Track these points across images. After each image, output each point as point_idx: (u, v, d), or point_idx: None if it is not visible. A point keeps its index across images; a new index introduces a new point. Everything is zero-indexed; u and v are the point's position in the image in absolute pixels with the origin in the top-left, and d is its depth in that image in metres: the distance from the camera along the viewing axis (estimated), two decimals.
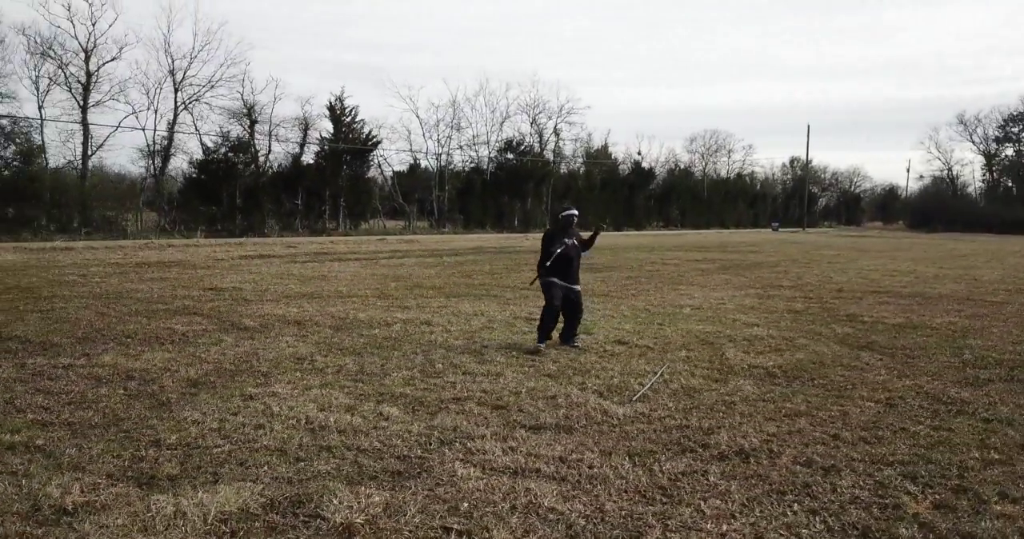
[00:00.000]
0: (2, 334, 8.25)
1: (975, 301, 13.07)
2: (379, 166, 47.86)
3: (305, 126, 41.17)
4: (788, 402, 5.95)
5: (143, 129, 35.70)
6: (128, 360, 6.98)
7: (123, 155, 65.65)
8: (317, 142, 42.32)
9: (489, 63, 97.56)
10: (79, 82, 32.78)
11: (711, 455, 4.64)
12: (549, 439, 4.88)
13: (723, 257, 24.70)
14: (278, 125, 39.97)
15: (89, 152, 33.58)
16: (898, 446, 4.86)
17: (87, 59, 32.83)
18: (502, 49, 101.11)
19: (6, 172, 31.19)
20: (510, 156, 52.91)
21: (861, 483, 4.19)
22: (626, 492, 4.00)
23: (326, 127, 42.65)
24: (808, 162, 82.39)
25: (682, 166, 72.45)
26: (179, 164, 37.71)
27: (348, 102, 42.66)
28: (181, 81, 35.79)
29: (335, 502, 3.72)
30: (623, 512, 3.73)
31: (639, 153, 66.52)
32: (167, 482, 4.01)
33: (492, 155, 52.83)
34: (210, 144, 37.29)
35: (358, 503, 3.72)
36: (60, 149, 48.46)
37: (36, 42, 31.60)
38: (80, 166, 33.49)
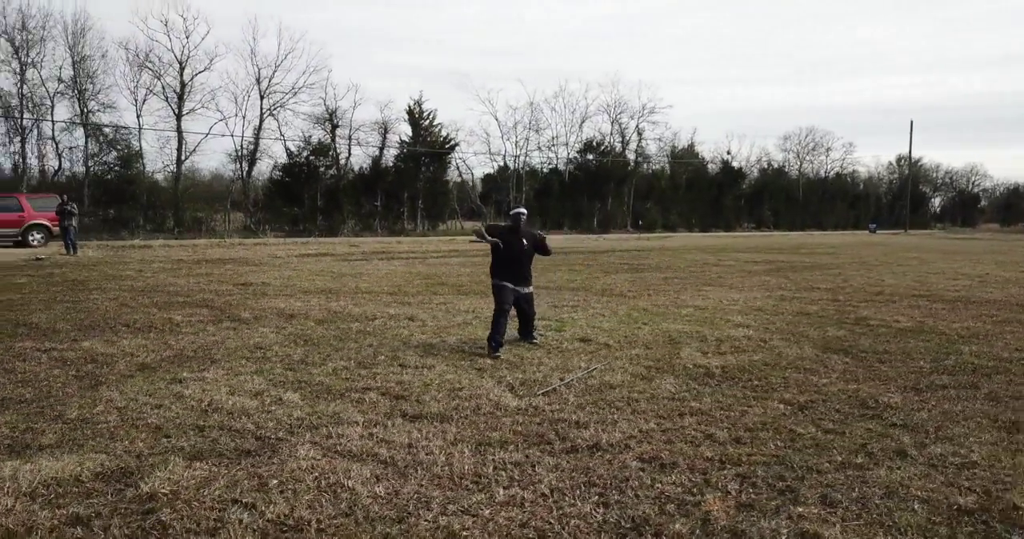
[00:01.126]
0: (20, 320, 9.14)
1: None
2: (457, 168, 48.85)
3: (384, 130, 42.59)
4: (696, 401, 5.84)
5: (231, 135, 37.95)
6: (104, 346, 7.62)
7: (214, 159, 70.15)
8: (396, 145, 43.64)
9: (568, 64, 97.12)
10: (174, 92, 35.24)
11: (561, 448, 4.67)
12: (418, 427, 5.03)
13: (786, 259, 23.82)
14: (358, 129, 41.57)
15: (183, 157, 36.04)
16: (767, 447, 4.73)
17: (181, 70, 35.28)
18: (583, 50, 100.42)
19: (109, 176, 33.88)
20: (590, 157, 52.76)
21: (683, 481, 4.13)
22: (439, 478, 4.11)
23: (405, 130, 43.99)
24: (916, 160, 77.80)
25: (775, 165, 69.99)
26: (264, 168, 39.79)
27: (426, 106, 43.87)
28: (266, 89, 37.80)
29: (158, 474, 4.03)
30: (415, 494, 3.86)
31: (728, 152, 64.86)
32: (35, 450, 4.45)
33: (571, 156, 52.86)
34: (293, 148, 39.25)
35: (177, 476, 4.02)
36: (157, 154, 52.16)
37: (135, 55, 34.19)
38: (174, 170, 35.93)
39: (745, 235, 51.56)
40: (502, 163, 51.67)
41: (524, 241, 7.96)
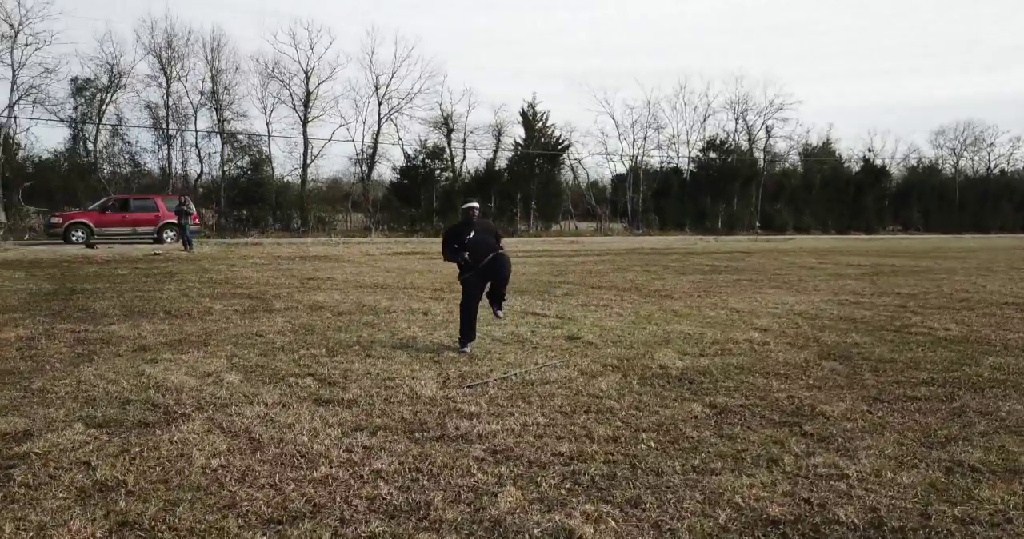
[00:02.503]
0: (84, 306, 10.32)
1: None
2: (571, 168, 48.92)
3: (498, 132, 43.44)
4: (615, 400, 5.73)
5: (352, 140, 40.15)
6: (126, 330, 8.48)
7: (337, 162, 74.60)
8: (510, 148, 44.38)
9: (689, 61, 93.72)
10: (300, 100, 37.76)
11: (430, 436, 4.78)
12: (318, 411, 5.29)
13: (896, 263, 22.09)
14: (472, 132, 42.63)
15: (308, 161, 38.52)
16: (635, 448, 4.61)
17: (307, 79, 37.73)
18: (704, 47, 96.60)
19: (241, 179, 36.86)
20: (712, 155, 51.13)
21: (507, 472, 4.13)
22: (281, 455, 4.36)
23: (518, 132, 44.61)
24: None
25: (926, 162, 64.54)
26: (384, 170, 41.81)
27: (540, 107, 44.25)
28: (384, 95, 39.64)
29: (48, 437, 4.56)
30: (242, 468, 4.12)
31: (870, 149, 60.50)
32: None
33: (692, 154, 51.46)
34: (410, 152, 40.89)
35: (63, 440, 4.52)
36: (286, 158, 56.26)
37: (265, 67, 36.98)
38: (300, 173, 38.53)
39: (885, 238, 48.07)
40: (619, 163, 51.18)
41: (473, 232, 7.64)
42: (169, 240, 26.12)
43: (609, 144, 51.34)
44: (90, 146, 34.27)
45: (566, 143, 45.87)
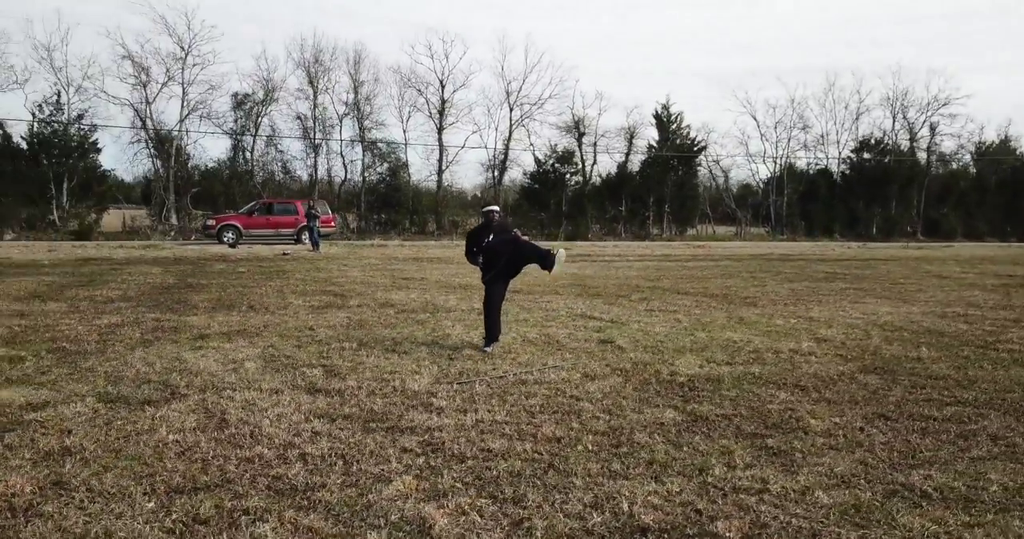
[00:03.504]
0: (183, 299, 11.46)
1: None
2: (709, 171, 47.41)
3: (631, 135, 42.94)
4: (592, 403, 5.67)
5: (484, 146, 41.26)
6: (200, 320, 9.36)
7: (471, 168, 76.67)
8: (643, 150, 43.74)
9: (839, 56, 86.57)
10: (436, 108, 39.35)
11: (381, 427, 4.98)
12: (304, 398, 5.65)
13: None
14: (603, 135, 42.45)
15: (443, 167, 40.03)
16: (570, 451, 4.57)
17: (442, 88, 39.26)
18: (853, 41, 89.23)
19: (381, 186, 38.97)
20: (866, 156, 47.64)
21: (417, 464, 4.26)
22: (236, 435, 4.72)
23: (651, 135, 43.89)
24: None
25: None
26: (516, 175, 42.58)
27: (674, 109, 43.34)
28: (515, 101, 40.40)
29: (59, 408, 5.21)
30: (194, 443, 4.53)
31: None
32: (15, 383, 5.93)
33: (843, 155, 48.21)
34: (540, 156, 41.40)
35: (68, 411, 5.15)
36: (423, 164, 58.41)
37: (403, 77, 38.89)
38: (436, 178, 40.12)
39: None
40: (762, 164, 48.91)
41: (504, 239, 7.83)
42: (306, 241, 28.15)
43: (751, 145, 49.01)
44: (247, 155, 37.68)
45: (702, 145, 44.60)
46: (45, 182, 31.94)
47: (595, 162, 43.20)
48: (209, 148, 78.71)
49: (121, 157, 67.44)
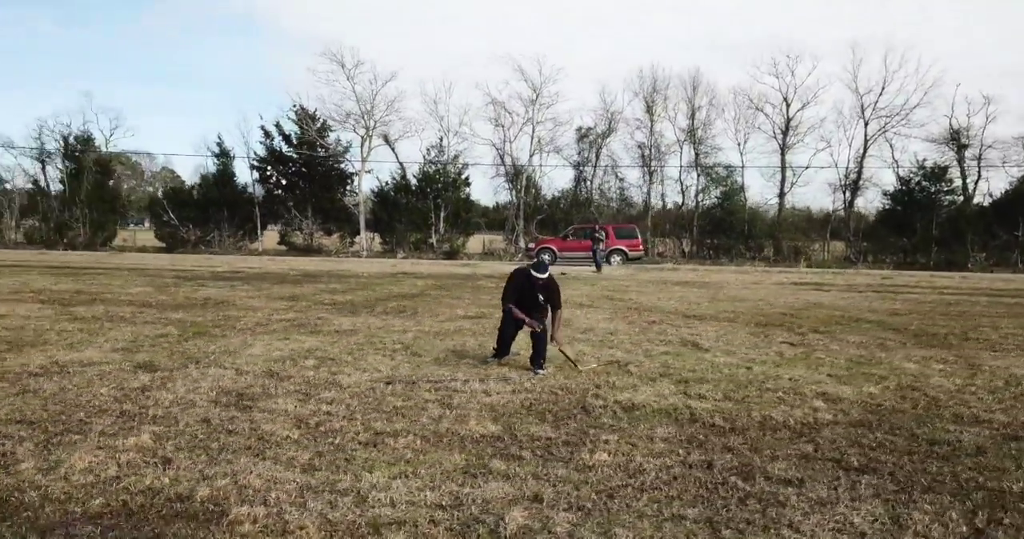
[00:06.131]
0: (405, 306, 13.62)
1: None
2: None
3: None
4: (477, 411, 5.84)
5: (835, 165, 37.67)
6: (352, 321, 11.22)
7: (820, 190, 67.12)
8: None
9: None
10: (779, 128, 37.32)
11: (257, 405, 5.98)
12: (274, 385, 6.91)
13: None
14: (990, 146, 35.36)
15: (784, 189, 37.69)
16: (390, 443, 5.03)
17: (787, 106, 37.09)
18: None
19: (715, 210, 38.34)
20: None
21: (244, 430, 5.16)
22: (176, 400, 6.18)
23: None
24: None
25: None
26: (872, 195, 37.73)
27: None
28: (871, 114, 36.10)
29: (97, 366, 7.30)
30: (143, 400, 6.09)
31: None
32: (108, 350, 8.27)
33: None
34: (904, 174, 36.25)
35: (101, 370, 7.20)
36: (762, 187, 54.21)
37: (744, 99, 37.75)
38: (776, 201, 37.96)
39: None
40: None
41: (539, 294, 7.81)
42: (615, 264, 29.47)
43: None
44: (588, 184, 40.49)
45: None
46: (427, 212, 38.81)
47: (979, 178, 36.25)
48: (555, 178, 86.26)
49: (487, 189, 79.66)
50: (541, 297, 7.79)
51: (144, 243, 41.97)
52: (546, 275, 7.80)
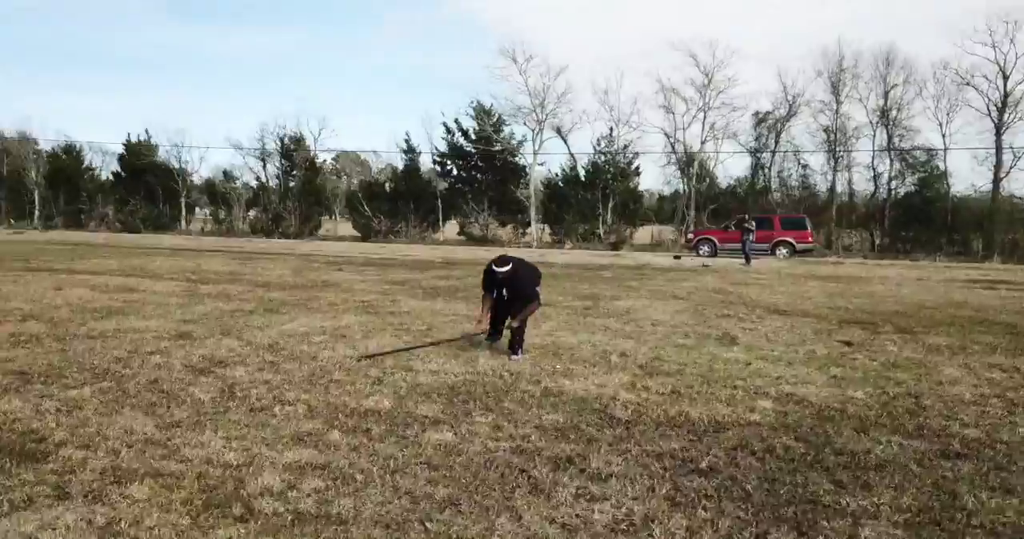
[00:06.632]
0: (428, 284, 14.09)
1: None
2: None
3: None
4: (386, 391, 6.15)
5: None
6: (432, 303, 11.83)
7: None
8: None
9: None
10: (994, 104, 32.52)
11: (222, 373, 6.71)
12: (244, 361, 7.69)
13: None
14: None
15: (1001, 175, 32.78)
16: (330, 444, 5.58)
17: (1004, 80, 32.21)
18: None
19: (910, 198, 34.31)
20: None
21: (195, 393, 5.94)
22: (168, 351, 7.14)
23: None
24: None
25: None
26: None
27: None
28: None
29: (138, 321, 8.48)
30: (150, 348, 7.13)
31: None
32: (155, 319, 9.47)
33: None
34: None
35: (146, 334, 8.37)
36: (969, 174, 46.12)
37: (949, 74, 33.29)
38: (990, 188, 33.11)
39: None
40: None
41: (506, 293, 7.82)
42: (782, 257, 27.61)
43: None
44: (766, 171, 38.00)
45: None
46: (595, 203, 38.86)
47: None
48: (730, 166, 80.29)
49: (659, 178, 76.32)
50: (505, 291, 7.77)
51: (343, 233, 46.29)
52: (507, 268, 7.64)
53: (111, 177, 51.75)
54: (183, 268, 17.77)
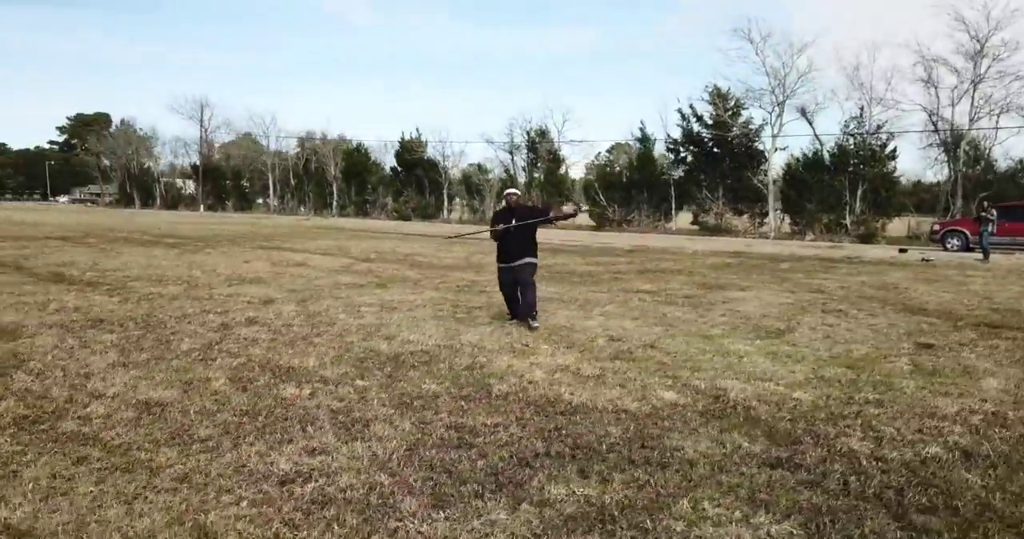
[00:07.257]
0: (475, 262, 14.03)
1: None
2: None
3: None
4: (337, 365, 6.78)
5: None
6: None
7: None
8: None
9: None
10: None
11: (225, 339, 7.83)
12: (274, 342, 8.72)
13: None
14: None
15: None
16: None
17: None
18: None
19: None
20: None
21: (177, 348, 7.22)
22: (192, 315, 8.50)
23: None
24: None
25: None
26: None
27: None
28: None
29: (166, 297, 9.97)
30: (188, 312, 8.58)
31: None
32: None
33: None
34: None
35: (160, 299, 9.85)
36: None
37: None
38: None
39: None
40: None
41: (514, 220, 8.10)
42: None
43: None
44: None
45: None
46: (842, 190, 35.23)
47: None
48: (1011, 146, 63.66)
49: (921, 162, 64.87)
50: (513, 221, 8.10)
51: (579, 224, 47.38)
52: (515, 191, 8.57)
53: (389, 172, 58.49)
54: (376, 249, 19.90)
